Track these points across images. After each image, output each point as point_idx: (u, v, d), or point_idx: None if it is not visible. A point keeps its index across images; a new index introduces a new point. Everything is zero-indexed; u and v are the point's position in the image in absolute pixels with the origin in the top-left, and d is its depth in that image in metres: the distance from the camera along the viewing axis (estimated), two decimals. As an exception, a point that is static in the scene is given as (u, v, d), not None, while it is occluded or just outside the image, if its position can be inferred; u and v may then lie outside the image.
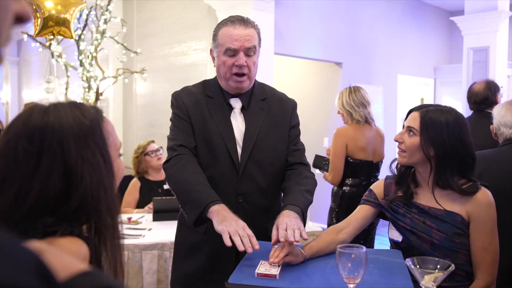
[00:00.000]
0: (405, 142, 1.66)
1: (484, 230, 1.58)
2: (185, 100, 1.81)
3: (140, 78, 5.71)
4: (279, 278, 1.39)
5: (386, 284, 1.36)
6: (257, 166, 1.77)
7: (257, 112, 1.83)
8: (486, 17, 5.63)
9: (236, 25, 1.73)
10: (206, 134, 1.76)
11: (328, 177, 3.35)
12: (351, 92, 3.33)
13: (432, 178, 1.65)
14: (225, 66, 1.73)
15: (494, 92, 3.20)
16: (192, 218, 1.60)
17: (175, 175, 1.69)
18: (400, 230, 1.66)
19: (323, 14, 5.75)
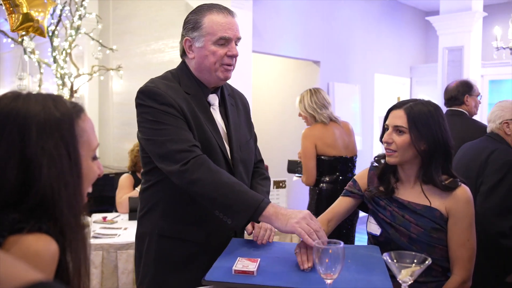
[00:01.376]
0: (395, 141, 1.64)
1: (462, 226, 1.60)
2: (173, 95, 1.58)
3: (116, 76, 5.62)
4: (257, 275, 1.37)
5: (364, 280, 1.35)
6: (243, 164, 1.72)
7: (231, 109, 1.75)
8: (460, 17, 5.73)
9: (224, 13, 1.62)
10: (201, 135, 1.60)
11: (303, 179, 3.38)
12: (312, 95, 3.37)
13: (417, 173, 1.66)
14: (215, 56, 1.59)
15: (463, 92, 3.25)
16: (242, 222, 1.45)
17: (205, 178, 1.47)
18: (379, 222, 1.68)
19: (301, 13, 5.77)
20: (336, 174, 3.36)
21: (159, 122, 1.55)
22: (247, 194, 1.47)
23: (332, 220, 1.78)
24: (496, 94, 7.49)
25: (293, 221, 1.39)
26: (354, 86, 6.54)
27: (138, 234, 1.75)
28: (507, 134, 2.38)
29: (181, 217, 1.63)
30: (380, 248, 1.61)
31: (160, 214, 1.66)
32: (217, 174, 1.49)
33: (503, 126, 2.40)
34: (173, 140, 1.52)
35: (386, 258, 1.23)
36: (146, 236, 1.69)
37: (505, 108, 2.42)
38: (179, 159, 1.50)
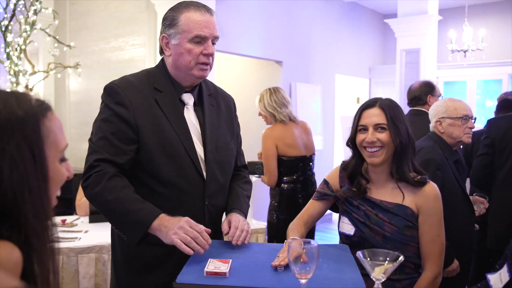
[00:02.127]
0: (379, 139, 1.63)
1: (432, 222, 1.63)
2: (131, 96, 1.55)
3: (73, 74, 5.44)
4: (229, 276, 1.35)
5: (336, 278, 1.35)
6: (219, 165, 1.68)
7: (210, 108, 1.70)
8: (417, 20, 5.91)
9: (202, 10, 1.58)
10: (162, 136, 1.56)
11: (265, 179, 3.37)
12: (272, 94, 3.38)
13: (389, 172, 1.68)
14: (190, 54, 1.56)
15: (426, 92, 3.35)
16: (135, 240, 1.47)
17: (100, 196, 1.48)
18: (353, 222, 1.68)
19: (264, 13, 5.78)
20: (297, 174, 3.38)
21: (101, 122, 1.56)
22: (137, 213, 1.46)
23: (308, 222, 1.79)
24: (450, 95, 7.76)
25: (171, 232, 1.40)
26: (316, 86, 6.62)
27: (112, 238, 1.74)
28: (442, 132, 2.41)
29: None
30: (353, 247, 1.62)
31: None
32: (112, 192, 1.48)
33: (436, 125, 2.43)
34: (94, 150, 1.54)
35: (360, 256, 1.23)
36: (116, 240, 1.68)
37: (438, 107, 2.45)
38: (85, 172, 1.53)
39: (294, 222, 1.79)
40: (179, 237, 1.39)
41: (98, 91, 6.05)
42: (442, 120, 2.40)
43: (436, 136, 2.42)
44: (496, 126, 2.90)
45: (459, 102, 2.45)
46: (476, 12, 7.38)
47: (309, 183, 3.43)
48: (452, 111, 2.39)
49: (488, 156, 2.89)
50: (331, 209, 1.87)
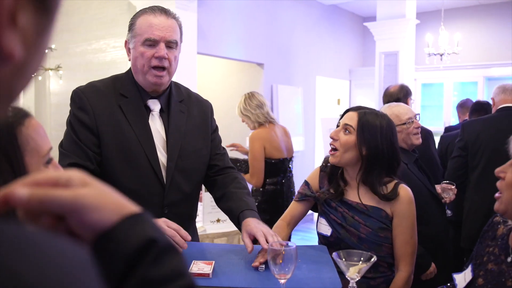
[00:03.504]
0: (340, 139, 1.70)
1: (406, 225, 1.71)
2: (93, 102, 1.56)
3: (54, 76, 5.41)
4: (212, 277, 1.40)
5: (315, 278, 1.42)
6: (183, 174, 1.65)
7: (178, 115, 1.68)
8: (395, 23, 6.04)
9: (156, 13, 1.56)
10: (122, 142, 1.56)
11: (251, 180, 3.45)
12: (247, 98, 3.52)
13: (360, 177, 1.74)
14: (143, 57, 1.55)
15: (406, 95, 3.46)
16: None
17: None
18: (331, 223, 1.75)
19: (245, 15, 5.83)
20: (279, 176, 3.52)
21: (68, 131, 1.58)
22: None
23: (291, 223, 1.85)
24: (427, 97, 7.96)
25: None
26: (297, 88, 6.71)
27: None
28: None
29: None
30: (330, 247, 1.69)
31: None
32: None
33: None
34: (65, 154, 1.55)
35: (335, 257, 1.30)
36: None
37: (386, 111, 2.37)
38: None
39: (277, 224, 1.85)
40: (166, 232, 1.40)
41: (80, 94, 5.90)
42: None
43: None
44: (470, 129, 3.01)
45: (398, 107, 2.42)
46: (452, 16, 7.57)
47: (289, 184, 3.58)
48: (394, 119, 2.28)
49: (461, 158, 3.01)
50: (312, 209, 1.94)
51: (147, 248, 0.50)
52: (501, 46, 7.28)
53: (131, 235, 0.50)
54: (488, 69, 7.20)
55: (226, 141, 6.86)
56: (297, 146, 6.68)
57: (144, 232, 0.51)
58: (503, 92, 2.98)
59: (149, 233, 0.51)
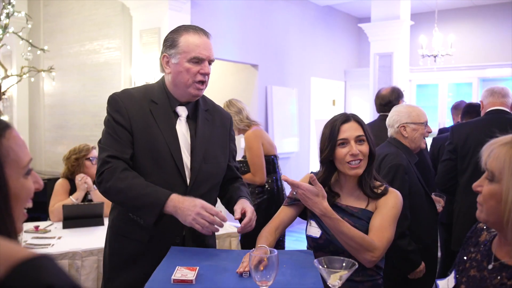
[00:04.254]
0: (361, 151, 1.71)
1: (387, 212, 1.69)
2: (128, 105, 1.74)
3: (48, 77, 5.40)
4: (195, 283, 1.40)
5: (298, 284, 1.42)
6: (204, 176, 1.79)
7: (203, 122, 1.83)
8: (389, 25, 6.05)
9: (200, 34, 1.75)
10: (151, 143, 1.72)
11: (255, 178, 3.50)
12: (225, 107, 3.59)
13: (357, 181, 1.76)
14: (189, 73, 1.72)
15: (397, 97, 3.47)
16: (152, 220, 1.61)
17: (115, 186, 1.65)
18: (320, 225, 1.75)
19: (239, 17, 5.83)
20: (275, 173, 3.63)
21: (107, 130, 1.75)
22: (150, 195, 1.62)
23: (279, 228, 1.85)
24: (422, 97, 7.97)
25: (190, 218, 1.56)
26: (292, 90, 6.71)
27: (106, 234, 1.91)
28: (405, 137, 2.49)
29: (129, 218, 1.75)
30: (320, 250, 1.70)
31: (116, 214, 1.83)
32: (124, 181, 1.65)
33: (400, 130, 2.50)
34: (105, 148, 1.72)
35: (317, 264, 1.30)
36: (108, 232, 1.87)
37: (400, 112, 2.53)
38: (98, 170, 1.71)
39: (265, 229, 1.85)
40: (198, 223, 1.55)
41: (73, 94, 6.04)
42: (406, 125, 2.48)
43: (397, 141, 2.50)
44: (459, 132, 3.02)
45: (418, 109, 2.55)
46: (446, 17, 7.59)
47: (280, 181, 3.64)
48: (415, 117, 2.48)
49: (451, 162, 3.01)
50: (300, 216, 1.93)
51: None
52: (495, 47, 7.30)
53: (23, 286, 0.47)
54: (483, 70, 7.22)
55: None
56: (291, 147, 6.69)
57: (39, 279, 0.48)
58: (491, 95, 2.98)
59: (44, 279, 0.48)
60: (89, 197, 3.25)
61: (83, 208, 3.04)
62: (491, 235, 1.29)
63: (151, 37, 4.73)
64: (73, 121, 5.52)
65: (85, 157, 3.30)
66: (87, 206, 3.06)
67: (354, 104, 8.20)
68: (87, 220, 3.02)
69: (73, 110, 5.55)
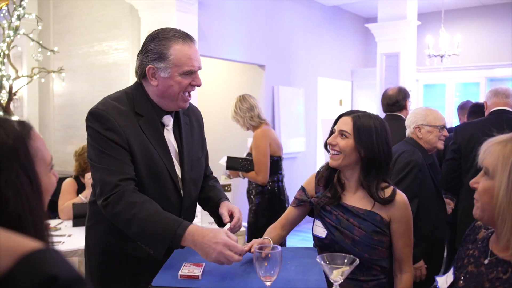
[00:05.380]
0: (338, 144, 1.75)
1: (405, 229, 1.75)
2: (120, 122, 1.60)
3: (57, 77, 5.47)
4: (202, 279, 1.45)
5: (302, 280, 1.46)
6: (193, 182, 1.78)
7: (185, 128, 1.79)
8: (396, 25, 6.05)
9: (189, 43, 1.65)
10: (146, 158, 1.63)
11: (258, 177, 3.53)
12: (238, 102, 3.64)
13: (358, 180, 1.78)
14: (180, 86, 1.64)
15: (404, 97, 3.49)
16: (161, 251, 1.51)
17: (123, 213, 1.53)
18: (326, 225, 1.78)
19: (246, 17, 5.87)
20: (278, 173, 3.66)
21: (99, 149, 1.59)
22: (162, 224, 1.50)
23: (285, 226, 1.90)
24: (430, 98, 7.96)
25: (213, 256, 1.44)
26: (298, 90, 6.73)
27: (86, 245, 1.82)
28: (419, 138, 2.58)
29: (125, 234, 1.63)
30: (325, 249, 1.73)
31: (105, 229, 1.71)
32: (134, 208, 1.52)
33: (415, 131, 2.60)
34: (106, 169, 1.57)
35: (319, 260, 1.34)
36: (91, 249, 1.76)
37: (417, 114, 2.63)
38: (104, 192, 1.56)
39: (272, 225, 1.90)
40: (221, 262, 1.44)
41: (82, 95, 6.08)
42: (421, 126, 2.58)
43: (414, 141, 2.60)
44: (463, 132, 3.04)
45: (437, 112, 2.64)
46: (453, 16, 7.57)
47: (282, 182, 3.71)
48: (431, 120, 2.58)
49: (455, 161, 3.03)
50: (308, 214, 1.97)
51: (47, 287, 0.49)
52: (503, 47, 7.27)
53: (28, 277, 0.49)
54: (490, 70, 7.20)
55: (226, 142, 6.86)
56: (298, 147, 6.72)
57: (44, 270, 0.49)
58: (495, 95, 3.00)
59: (49, 270, 0.49)
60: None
61: (92, 206, 3.09)
62: (489, 232, 1.32)
63: (159, 38, 4.77)
64: (82, 121, 5.53)
65: None
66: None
67: (360, 104, 8.21)
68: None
69: (82, 110, 5.61)
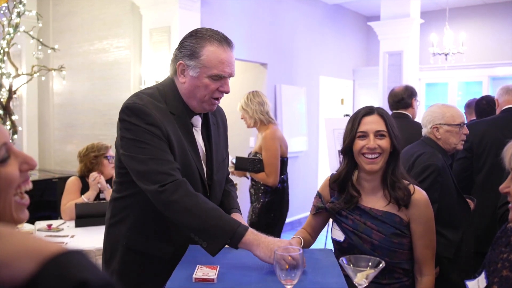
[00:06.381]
0: (380, 146, 1.65)
1: (425, 229, 1.67)
2: (161, 118, 1.57)
3: (57, 76, 5.41)
4: (217, 282, 1.39)
5: (321, 282, 1.40)
6: (219, 185, 1.75)
7: (213, 129, 1.76)
8: (399, 23, 6.01)
9: (224, 46, 1.58)
10: (182, 157, 1.60)
11: (269, 179, 3.47)
12: (250, 94, 3.59)
13: (381, 178, 1.70)
14: (207, 89, 1.58)
15: (410, 95, 3.44)
16: (218, 246, 1.47)
17: (182, 202, 1.48)
18: (343, 230, 1.72)
19: (248, 15, 5.81)
20: (285, 173, 3.63)
21: (143, 142, 1.53)
22: (223, 220, 1.48)
23: (311, 232, 1.86)
24: (432, 97, 7.92)
25: (265, 252, 1.41)
26: (300, 88, 6.68)
27: (106, 243, 1.76)
28: (438, 138, 2.43)
29: (150, 232, 1.62)
30: (344, 253, 1.65)
31: (130, 227, 1.67)
32: (194, 198, 1.49)
33: (433, 131, 2.44)
34: (155, 159, 1.52)
35: (343, 262, 1.28)
36: (113, 247, 1.71)
37: (434, 112, 2.47)
38: (159, 180, 1.50)
39: (299, 230, 1.87)
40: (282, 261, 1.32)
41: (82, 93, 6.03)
42: (439, 126, 2.41)
43: (432, 141, 2.43)
44: (474, 130, 2.98)
45: (454, 109, 2.46)
46: (457, 15, 7.53)
47: (286, 182, 3.69)
48: (449, 118, 2.40)
49: (467, 160, 2.98)
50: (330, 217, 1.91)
51: None
52: (506, 46, 7.24)
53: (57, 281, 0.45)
54: (493, 69, 7.16)
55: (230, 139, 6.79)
56: (300, 146, 6.67)
57: (72, 275, 0.46)
58: (507, 93, 2.94)
59: (77, 275, 0.46)
60: (101, 196, 3.24)
61: (95, 206, 3.03)
62: None
63: (161, 36, 4.72)
64: (82, 120, 5.52)
65: (103, 155, 3.31)
66: (100, 204, 3.05)
67: (362, 103, 8.16)
68: (100, 218, 3.01)
69: (82, 109, 5.55)
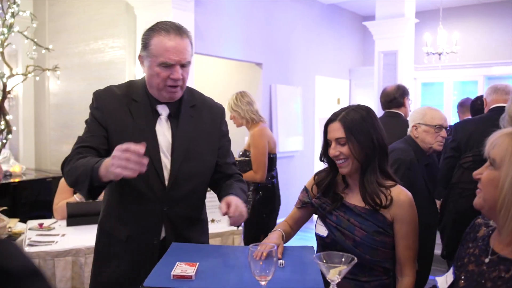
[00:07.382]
0: (342, 152, 1.67)
1: (408, 229, 1.67)
2: (106, 103, 1.72)
3: (53, 76, 5.43)
4: (195, 279, 1.41)
5: (298, 280, 1.42)
6: (186, 176, 1.74)
7: (186, 120, 1.76)
8: (394, 23, 6.02)
9: (171, 35, 1.62)
10: (123, 140, 1.53)
11: (256, 176, 3.54)
12: (238, 95, 3.66)
13: (359, 178, 1.71)
14: (158, 77, 1.65)
15: (402, 94, 3.46)
16: (85, 186, 1.53)
17: (66, 171, 1.63)
18: (327, 225, 1.73)
19: (243, 15, 5.83)
20: (274, 170, 3.70)
21: (86, 123, 1.76)
22: (85, 165, 1.54)
23: (292, 225, 1.86)
24: (428, 96, 7.94)
25: (113, 168, 1.39)
26: (296, 88, 6.70)
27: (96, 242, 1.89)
28: (416, 137, 2.55)
29: (115, 214, 1.77)
30: (327, 249, 1.65)
31: (104, 208, 1.84)
32: (74, 164, 1.61)
33: (412, 129, 2.58)
34: (78, 141, 1.72)
35: (316, 258, 1.30)
36: (97, 230, 1.86)
37: (417, 113, 2.60)
38: (66, 158, 1.69)
39: (281, 222, 1.87)
40: (118, 166, 1.38)
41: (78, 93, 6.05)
42: (418, 125, 2.55)
43: (411, 139, 2.57)
44: (462, 129, 3.00)
45: (436, 112, 2.58)
46: (451, 14, 7.54)
47: (276, 179, 3.75)
48: (428, 119, 2.53)
49: (454, 159, 3.00)
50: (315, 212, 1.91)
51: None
52: (501, 45, 7.25)
53: None
54: (488, 68, 7.17)
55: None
56: (296, 146, 6.68)
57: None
58: (495, 92, 2.97)
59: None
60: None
61: (87, 206, 3.05)
62: (489, 230, 1.29)
63: (155, 36, 4.74)
64: (78, 120, 5.54)
65: None
66: (91, 204, 3.07)
67: (359, 103, 8.17)
68: (91, 217, 3.03)
69: (78, 109, 5.57)
